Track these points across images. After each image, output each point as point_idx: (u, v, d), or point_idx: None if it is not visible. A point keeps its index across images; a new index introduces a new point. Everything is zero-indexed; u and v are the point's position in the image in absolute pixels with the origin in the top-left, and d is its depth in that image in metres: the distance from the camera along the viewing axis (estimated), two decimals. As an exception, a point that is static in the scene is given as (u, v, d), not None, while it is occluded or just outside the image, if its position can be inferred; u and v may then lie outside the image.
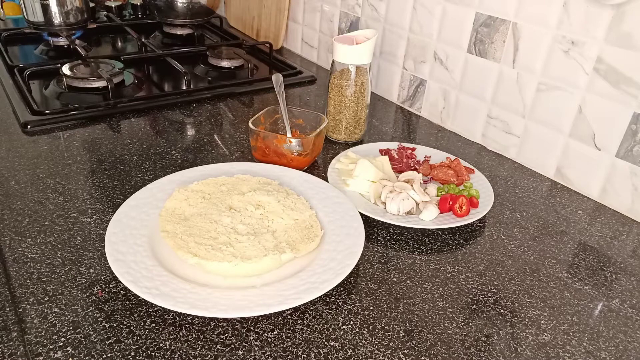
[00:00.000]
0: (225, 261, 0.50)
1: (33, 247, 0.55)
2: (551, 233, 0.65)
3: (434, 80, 0.92)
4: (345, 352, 0.45)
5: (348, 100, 0.80)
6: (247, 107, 0.94)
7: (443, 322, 0.50)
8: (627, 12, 0.63)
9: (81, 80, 0.93)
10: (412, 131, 0.91)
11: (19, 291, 0.49)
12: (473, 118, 0.87)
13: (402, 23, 0.95)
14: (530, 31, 0.75)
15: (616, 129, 0.68)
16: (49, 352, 0.43)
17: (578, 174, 0.74)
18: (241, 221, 0.57)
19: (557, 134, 0.75)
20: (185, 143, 0.79)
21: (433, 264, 0.58)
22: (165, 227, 0.55)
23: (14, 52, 1.13)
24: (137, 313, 0.48)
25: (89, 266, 0.53)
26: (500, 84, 0.81)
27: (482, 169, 0.78)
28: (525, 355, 0.47)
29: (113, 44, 1.26)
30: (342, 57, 0.78)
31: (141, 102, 0.90)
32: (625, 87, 0.66)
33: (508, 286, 0.55)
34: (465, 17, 0.83)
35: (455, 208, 0.64)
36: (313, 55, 1.22)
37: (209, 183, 0.63)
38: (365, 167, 0.68)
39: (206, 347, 0.45)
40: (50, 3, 1.06)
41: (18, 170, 0.68)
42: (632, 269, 0.59)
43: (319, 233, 0.56)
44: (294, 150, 0.72)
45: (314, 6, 1.17)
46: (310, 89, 1.05)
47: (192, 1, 1.21)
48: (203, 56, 1.13)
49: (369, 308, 0.51)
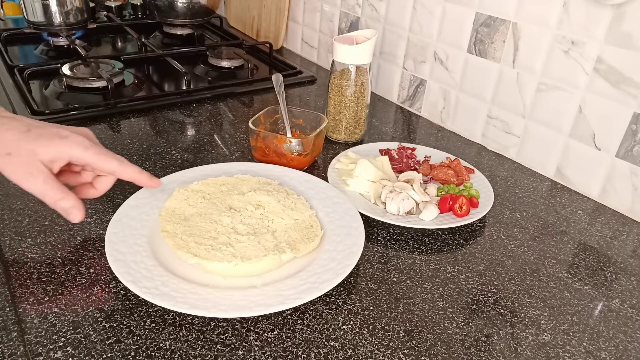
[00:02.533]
0: (225, 261, 0.50)
1: (33, 247, 0.55)
2: (551, 233, 0.65)
3: (434, 80, 0.92)
4: (345, 352, 0.45)
5: (348, 100, 0.80)
6: (247, 107, 0.94)
7: (443, 322, 0.50)
8: (627, 12, 0.63)
9: (81, 80, 0.93)
10: (412, 131, 0.91)
11: (19, 291, 0.49)
12: (473, 118, 0.87)
13: (402, 23, 0.95)
14: (530, 31, 0.75)
15: (616, 129, 0.68)
16: (49, 352, 0.43)
17: (578, 174, 0.74)
18: (241, 221, 0.57)
19: (557, 134, 0.75)
20: (185, 143, 0.79)
21: (433, 264, 0.58)
22: (165, 227, 0.55)
23: (14, 52, 1.13)
24: (137, 313, 0.48)
25: (89, 266, 0.53)
26: (500, 84, 0.81)
27: (482, 169, 0.78)
28: (525, 355, 0.47)
29: (113, 44, 1.26)
30: (342, 57, 0.78)
31: (141, 102, 0.90)
32: (625, 87, 0.66)
33: (508, 286, 0.55)
34: (465, 17, 0.83)
35: (455, 208, 0.64)
36: (313, 55, 1.22)
37: (209, 183, 0.63)
38: (365, 167, 0.68)
39: (206, 347, 0.45)
40: (50, 3, 1.06)
41: (18, 170, 0.68)
42: (632, 269, 0.59)
43: (319, 233, 0.56)
44: (294, 150, 0.72)
45: (314, 6, 1.17)
46: (310, 89, 1.05)
47: (192, 1, 1.21)
48: (203, 56, 1.13)
49: (369, 308, 0.51)
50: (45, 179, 0.50)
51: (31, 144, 0.49)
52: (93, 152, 0.52)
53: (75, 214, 0.51)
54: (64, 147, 0.50)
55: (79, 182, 0.57)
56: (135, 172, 0.55)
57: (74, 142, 0.51)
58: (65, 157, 0.51)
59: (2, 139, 0.49)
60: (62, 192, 0.51)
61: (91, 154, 0.52)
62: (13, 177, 0.50)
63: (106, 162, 0.53)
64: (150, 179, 0.56)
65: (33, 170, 0.49)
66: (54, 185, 0.50)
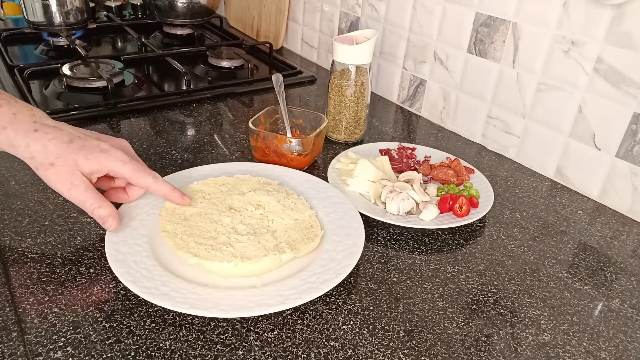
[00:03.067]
0: (225, 261, 0.50)
1: (33, 247, 0.55)
2: (551, 233, 0.65)
3: (434, 80, 0.92)
4: (345, 352, 0.45)
5: (348, 100, 0.80)
6: (247, 107, 0.94)
7: (443, 322, 0.50)
8: (627, 12, 0.63)
9: (81, 80, 0.93)
10: (412, 131, 0.91)
11: (19, 291, 0.49)
12: (473, 118, 0.87)
13: (402, 23, 0.95)
14: (530, 31, 0.75)
15: (616, 129, 0.68)
16: (49, 352, 0.43)
17: (578, 174, 0.74)
18: (241, 221, 0.57)
19: (557, 134, 0.75)
20: (185, 143, 0.79)
21: (433, 264, 0.58)
22: (165, 227, 0.55)
23: (14, 52, 1.13)
24: (137, 313, 0.48)
25: (89, 266, 0.53)
26: (500, 84, 0.81)
27: (482, 169, 0.78)
28: (525, 355, 0.47)
29: (113, 44, 1.26)
30: (342, 57, 0.78)
31: (141, 102, 0.90)
32: (625, 87, 0.66)
33: (508, 286, 0.55)
34: (465, 17, 0.83)
35: (455, 208, 0.64)
36: (313, 55, 1.22)
37: (209, 183, 0.63)
38: (365, 167, 0.68)
39: (206, 347, 0.45)
40: (50, 3, 1.06)
41: (18, 170, 0.68)
42: (632, 269, 0.59)
43: (319, 233, 0.56)
44: (294, 150, 0.72)
45: (314, 6, 1.17)
46: (310, 89, 1.05)
47: (192, 1, 1.21)
48: (203, 56, 1.13)
49: (369, 308, 0.51)
50: (86, 189, 0.53)
51: (74, 155, 0.52)
52: (130, 168, 0.54)
53: (111, 222, 0.54)
54: (104, 161, 0.53)
55: (111, 187, 0.59)
56: (168, 190, 0.57)
57: (114, 157, 0.54)
58: (104, 170, 0.54)
59: (47, 149, 0.52)
60: (100, 201, 0.54)
61: (128, 170, 0.54)
62: (57, 186, 0.53)
63: (142, 179, 0.55)
64: (182, 198, 0.58)
65: (75, 180, 0.52)
66: (93, 195, 0.53)
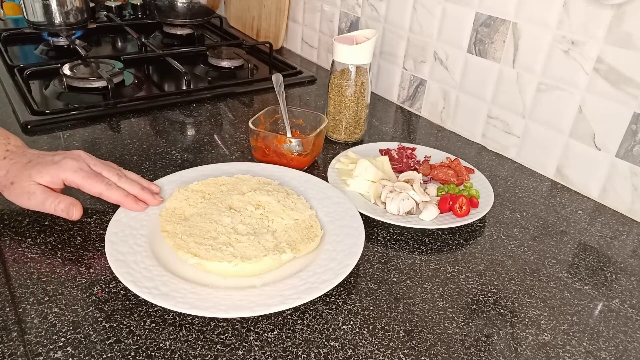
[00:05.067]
0: (225, 261, 0.50)
1: (33, 247, 0.55)
2: (551, 233, 0.65)
3: (434, 80, 0.92)
4: (345, 352, 0.45)
5: (348, 100, 0.80)
6: (247, 107, 0.94)
7: (443, 322, 0.50)
8: (627, 12, 0.63)
9: (81, 80, 0.93)
10: (412, 131, 0.91)
11: (19, 291, 0.49)
12: (473, 118, 0.87)
13: (402, 23, 0.95)
14: (530, 31, 0.75)
15: (616, 129, 0.68)
16: (49, 352, 0.43)
17: (578, 174, 0.74)
18: (241, 221, 0.57)
19: (557, 134, 0.75)
20: (185, 143, 0.79)
21: (433, 264, 0.58)
22: (165, 227, 0.55)
23: (14, 52, 1.13)
24: (137, 313, 0.48)
25: (89, 266, 0.53)
26: (500, 84, 0.81)
27: (482, 169, 0.78)
28: (525, 355, 0.47)
29: (113, 44, 1.26)
30: (342, 57, 0.78)
31: (141, 102, 0.90)
32: (625, 87, 0.66)
33: (508, 286, 0.55)
34: (465, 17, 0.83)
35: (455, 208, 0.64)
36: (313, 55, 1.22)
37: (209, 183, 0.63)
38: (365, 167, 0.68)
39: (206, 347, 0.45)
40: (50, 3, 1.06)
41: (18, 170, 0.68)
42: (632, 269, 0.59)
43: (319, 233, 0.56)
44: (294, 150, 0.72)
45: (314, 6, 1.17)
46: (310, 89, 1.05)
47: (192, 1, 1.21)
48: (203, 56, 1.13)
49: (369, 308, 0.51)
50: (42, 192, 0.56)
51: (28, 171, 0.56)
52: (81, 176, 0.57)
53: (73, 210, 0.57)
54: (56, 172, 0.56)
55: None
56: (120, 196, 0.58)
57: (64, 167, 0.57)
58: (58, 181, 0.57)
59: (9, 173, 0.57)
60: (58, 197, 0.57)
61: (79, 177, 0.57)
62: (18, 201, 0.57)
63: (94, 186, 0.57)
64: (136, 203, 0.58)
65: (31, 190, 0.56)
66: (49, 194, 0.56)
